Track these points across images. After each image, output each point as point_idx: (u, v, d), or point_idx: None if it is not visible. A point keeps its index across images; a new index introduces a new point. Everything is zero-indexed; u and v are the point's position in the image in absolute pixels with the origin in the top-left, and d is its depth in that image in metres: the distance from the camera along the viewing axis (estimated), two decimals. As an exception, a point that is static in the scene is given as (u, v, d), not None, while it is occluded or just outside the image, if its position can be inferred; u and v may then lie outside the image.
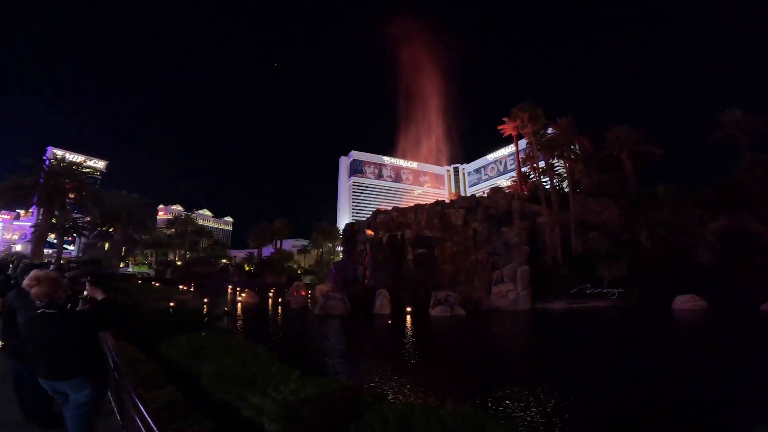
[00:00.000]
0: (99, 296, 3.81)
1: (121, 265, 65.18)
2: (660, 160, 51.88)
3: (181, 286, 48.06)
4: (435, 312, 30.71)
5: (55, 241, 58.48)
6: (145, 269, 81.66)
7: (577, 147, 48.11)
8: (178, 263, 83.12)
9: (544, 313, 31.33)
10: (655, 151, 50.28)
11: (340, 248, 74.67)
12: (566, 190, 48.20)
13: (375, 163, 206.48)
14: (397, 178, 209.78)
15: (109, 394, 4.52)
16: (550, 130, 49.66)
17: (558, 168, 53.49)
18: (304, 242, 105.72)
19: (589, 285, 33.30)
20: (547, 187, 45.17)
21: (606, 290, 32.94)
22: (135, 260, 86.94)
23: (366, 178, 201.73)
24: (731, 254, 32.70)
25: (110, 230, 55.86)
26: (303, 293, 42.78)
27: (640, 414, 8.82)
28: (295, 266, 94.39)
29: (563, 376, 12.02)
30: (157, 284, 45.70)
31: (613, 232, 36.84)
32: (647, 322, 24.99)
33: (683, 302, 28.03)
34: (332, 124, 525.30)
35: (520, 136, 54.40)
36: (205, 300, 35.77)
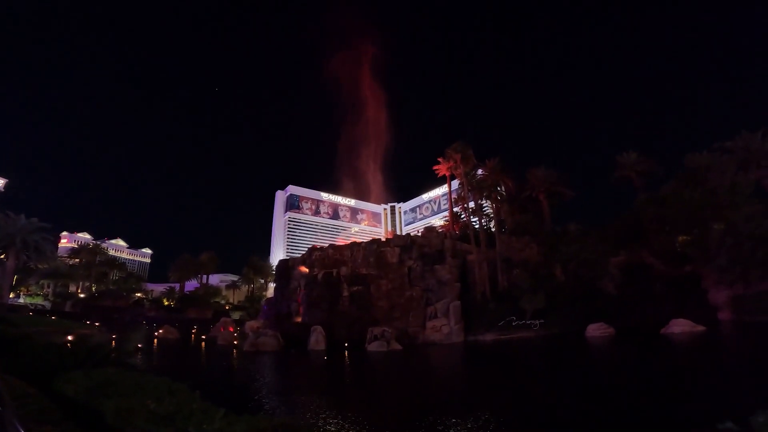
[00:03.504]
0: None
1: (11, 296, 56.33)
2: (572, 199, 57.64)
3: (85, 320, 42.87)
4: (371, 347, 30.34)
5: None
6: (39, 300, 71.21)
7: (503, 188, 52.27)
8: (82, 295, 73.89)
9: (475, 345, 32.40)
10: (566, 191, 56.15)
11: (273, 284, 71.75)
12: (493, 229, 51.54)
13: (312, 199, 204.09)
14: (335, 215, 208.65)
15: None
16: (480, 171, 53.52)
17: (486, 208, 57.39)
18: (234, 277, 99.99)
19: (514, 317, 35.43)
20: (477, 226, 47.99)
21: (529, 321, 35.30)
22: (28, 291, 75.62)
23: (303, 213, 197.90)
24: (631, 284, 36.92)
25: (1, 257, 48.37)
26: (231, 329, 40.22)
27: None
28: (224, 302, 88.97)
29: (494, 405, 12.37)
30: (53, 317, 40.85)
31: (533, 268, 39.85)
32: (563, 349, 26.87)
33: (594, 330, 30.93)
34: (268, 158, 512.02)
35: (453, 177, 57.74)
36: (114, 335, 32.55)
